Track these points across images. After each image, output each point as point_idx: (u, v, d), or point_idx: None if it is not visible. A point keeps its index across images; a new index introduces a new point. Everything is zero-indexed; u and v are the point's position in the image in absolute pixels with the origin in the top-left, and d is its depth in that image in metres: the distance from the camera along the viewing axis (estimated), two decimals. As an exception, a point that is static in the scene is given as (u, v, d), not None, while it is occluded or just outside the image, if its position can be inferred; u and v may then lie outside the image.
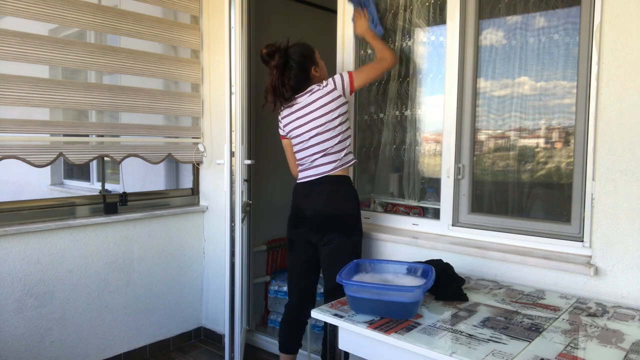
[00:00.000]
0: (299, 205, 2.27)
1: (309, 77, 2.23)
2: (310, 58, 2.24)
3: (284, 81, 2.20)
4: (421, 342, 1.39)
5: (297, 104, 2.22)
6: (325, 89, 2.17)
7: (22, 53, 2.42)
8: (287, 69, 2.19)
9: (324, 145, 2.18)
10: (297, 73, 2.20)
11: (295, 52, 2.20)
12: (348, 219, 2.20)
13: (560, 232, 1.98)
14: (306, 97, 2.20)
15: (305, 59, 2.21)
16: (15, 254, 2.46)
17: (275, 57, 2.19)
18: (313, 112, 2.18)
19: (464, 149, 2.24)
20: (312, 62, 2.24)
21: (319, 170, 2.21)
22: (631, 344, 1.40)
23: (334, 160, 2.19)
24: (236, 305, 2.73)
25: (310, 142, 2.20)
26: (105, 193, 2.95)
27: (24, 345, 2.51)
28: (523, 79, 2.12)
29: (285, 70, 2.19)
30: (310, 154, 2.22)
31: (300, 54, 2.21)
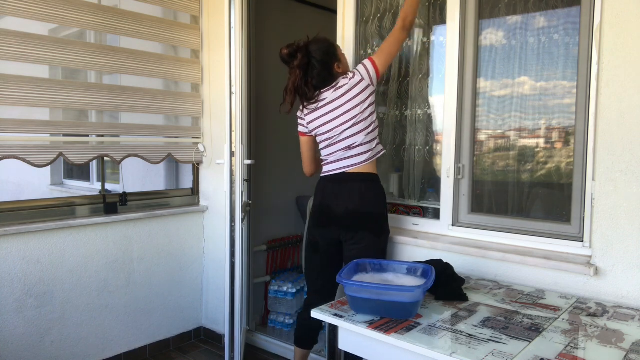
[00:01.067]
0: (328, 204, 2.18)
1: (332, 73, 2.17)
2: (332, 54, 2.17)
3: (307, 81, 2.15)
4: (421, 342, 1.39)
5: (323, 101, 2.16)
6: (352, 81, 2.12)
7: (22, 53, 2.42)
8: (310, 68, 2.14)
9: (356, 138, 2.12)
10: (320, 72, 2.14)
11: (317, 50, 2.14)
12: (379, 218, 2.16)
13: (560, 232, 1.98)
14: (332, 92, 2.14)
15: (327, 57, 2.16)
16: (15, 254, 2.46)
17: (298, 57, 2.13)
18: (342, 106, 2.12)
19: (464, 149, 2.24)
20: (335, 59, 2.18)
21: (351, 162, 2.14)
22: (631, 344, 1.40)
23: (367, 151, 2.13)
24: (236, 305, 2.73)
25: (341, 136, 2.14)
26: (105, 193, 2.95)
27: (24, 345, 2.51)
28: (523, 79, 2.12)
29: (308, 69, 2.14)
30: (341, 148, 2.15)
31: (322, 52, 2.15)
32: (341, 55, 2.24)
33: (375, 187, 2.16)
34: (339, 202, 2.15)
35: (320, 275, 2.29)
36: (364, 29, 2.61)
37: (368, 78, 2.12)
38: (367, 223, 2.13)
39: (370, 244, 2.12)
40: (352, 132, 2.12)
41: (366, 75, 2.12)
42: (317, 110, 2.18)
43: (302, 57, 2.13)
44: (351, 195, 2.13)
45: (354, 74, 2.13)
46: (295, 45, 2.15)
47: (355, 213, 2.13)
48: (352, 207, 2.13)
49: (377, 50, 2.18)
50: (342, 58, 2.23)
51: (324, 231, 2.23)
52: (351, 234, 2.14)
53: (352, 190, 2.14)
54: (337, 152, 2.17)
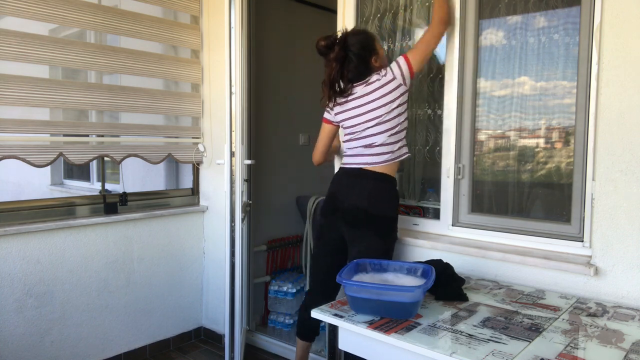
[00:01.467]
0: (336, 195, 2.17)
1: (369, 67, 2.11)
2: (371, 47, 2.12)
3: (343, 74, 2.11)
4: (421, 342, 1.39)
5: (354, 94, 2.12)
6: (384, 78, 2.06)
7: (22, 53, 2.42)
8: (347, 61, 2.09)
9: (378, 138, 2.08)
10: (357, 65, 2.10)
11: (355, 43, 2.10)
12: (385, 220, 2.11)
13: (560, 232, 1.98)
14: (363, 87, 2.10)
15: (365, 50, 2.11)
16: (15, 254, 2.46)
17: (335, 49, 2.08)
18: (370, 102, 2.08)
19: (464, 149, 2.24)
20: (373, 52, 2.12)
21: (368, 160, 2.11)
22: (631, 344, 1.40)
23: (387, 152, 2.09)
24: (236, 305, 2.73)
25: (363, 133, 2.11)
26: (105, 193, 2.95)
27: (24, 345, 2.51)
28: (523, 79, 2.12)
29: (345, 62, 2.10)
30: (363, 144, 2.12)
31: (360, 45, 2.10)
32: (379, 48, 2.17)
33: (387, 188, 2.11)
34: (349, 196, 2.12)
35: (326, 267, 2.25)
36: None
37: (400, 77, 2.06)
38: (373, 223, 2.09)
39: (372, 245, 2.08)
40: (374, 131, 2.09)
41: (399, 74, 2.06)
42: (347, 102, 2.15)
43: (340, 50, 2.09)
44: (361, 192, 2.10)
45: (386, 71, 2.08)
46: (333, 37, 2.10)
47: (361, 211, 2.09)
48: (359, 204, 2.09)
49: (413, 47, 2.12)
50: (380, 51, 2.16)
51: (328, 220, 2.21)
52: (356, 232, 2.11)
53: (363, 187, 2.10)
54: (357, 147, 2.14)
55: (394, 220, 2.14)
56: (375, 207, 2.09)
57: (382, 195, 2.10)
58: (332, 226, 2.20)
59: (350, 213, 2.11)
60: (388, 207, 2.11)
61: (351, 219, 2.11)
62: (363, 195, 2.09)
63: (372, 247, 2.08)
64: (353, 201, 2.10)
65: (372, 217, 2.09)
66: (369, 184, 2.10)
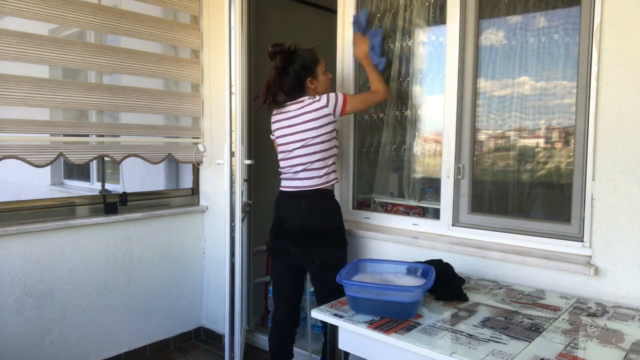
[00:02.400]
0: (281, 217, 2.26)
1: (303, 87, 2.19)
2: (310, 70, 2.19)
3: (279, 84, 2.18)
4: (421, 342, 1.39)
5: (287, 112, 2.20)
6: (315, 104, 2.13)
7: (22, 53, 2.42)
8: (284, 73, 2.17)
9: (306, 159, 2.16)
10: (292, 81, 2.18)
11: (297, 60, 2.17)
12: (329, 233, 2.18)
13: (560, 232, 1.98)
14: (295, 107, 2.17)
15: (304, 70, 2.17)
16: (15, 254, 2.46)
17: (277, 58, 2.17)
18: (299, 124, 2.15)
19: (464, 149, 2.24)
20: (310, 74, 2.19)
21: (300, 184, 2.19)
22: (631, 344, 1.40)
23: (314, 177, 2.17)
24: (236, 305, 2.73)
25: (293, 153, 2.18)
26: (105, 193, 2.95)
27: (24, 345, 2.51)
28: (523, 79, 2.12)
29: (282, 73, 2.17)
30: (292, 164, 2.20)
31: (301, 64, 2.17)
32: (321, 74, 2.23)
33: (325, 202, 2.20)
34: (290, 217, 2.21)
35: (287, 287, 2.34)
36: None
37: (332, 108, 2.13)
38: (317, 238, 2.16)
39: (324, 260, 2.16)
40: (301, 152, 2.16)
41: (332, 105, 2.13)
42: (281, 120, 2.23)
43: (280, 60, 2.16)
44: (300, 210, 2.18)
45: (321, 98, 2.14)
46: (280, 48, 2.17)
47: (304, 228, 2.17)
48: (300, 222, 2.17)
49: (358, 94, 2.23)
50: (320, 76, 2.23)
51: (279, 242, 2.29)
52: (306, 250, 2.18)
53: (301, 205, 2.19)
54: (289, 167, 2.22)
55: (339, 229, 2.21)
56: (315, 221, 2.17)
57: (321, 209, 2.19)
58: (282, 247, 2.27)
59: (294, 233, 2.19)
60: (328, 218, 2.19)
61: (297, 238, 2.19)
62: (303, 213, 2.18)
63: (326, 262, 2.16)
64: (294, 221, 2.19)
65: (315, 233, 2.16)
66: (307, 201, 2.18)
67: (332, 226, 2.19)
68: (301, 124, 2.15)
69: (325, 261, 2.16)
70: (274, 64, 2.18)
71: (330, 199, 2.23)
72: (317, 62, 2.23)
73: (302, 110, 2.15)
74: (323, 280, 2.20)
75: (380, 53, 2.43)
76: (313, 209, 2.17)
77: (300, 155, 2.16)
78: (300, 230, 2.17)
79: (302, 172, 2.17)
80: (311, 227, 2.16)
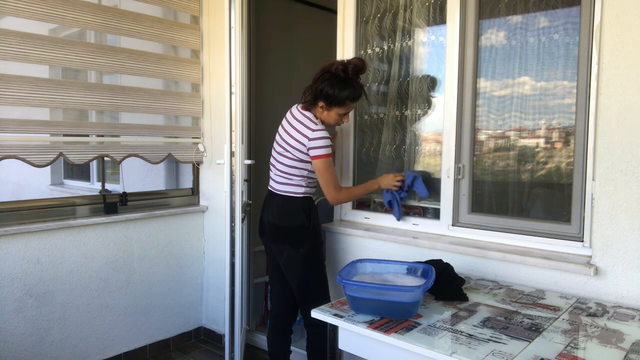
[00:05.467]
0: (262, 214, 2.38)
1: (316, 103, 2.20)
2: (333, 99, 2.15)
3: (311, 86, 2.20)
4: (421, 342, 1.39)
5: (298, 116, 2.25)
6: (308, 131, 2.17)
7: (22, 53, 2.42)
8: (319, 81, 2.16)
9: (282, 167, 2.26)
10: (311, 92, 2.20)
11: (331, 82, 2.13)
12: (295, 231, 2.25)
13: (560, 232, 1.98)
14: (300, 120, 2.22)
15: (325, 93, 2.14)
16: (15, 254, 2.46)
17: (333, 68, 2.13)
18: (289, 136, 2.23)
19: (464, 149, 2.24)
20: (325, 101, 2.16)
21: (274, 185, 2.32)
22: (631, 344, 1.40)
23: (286, 183, 2.27)
24: (236, 305, 2.73)
25: (277, 156, 2.29)
26: (105, 193, 2.95)
27: (24, 345, 2.51)
28: (523, 79, 2.12)
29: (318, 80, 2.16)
30: (274, 166, 2.31)
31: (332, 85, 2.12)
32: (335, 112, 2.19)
33: (294, 201, 2.27)
34: (267, 215, 2.33)
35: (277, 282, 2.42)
36: (364, 29, 2.61)
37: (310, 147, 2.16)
38: (283, 236, 2.27)
39: (290, 256, 2.26)
40: (278, 158, 2.27)
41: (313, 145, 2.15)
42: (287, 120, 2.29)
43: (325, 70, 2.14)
44: (272, 208, 2.30)
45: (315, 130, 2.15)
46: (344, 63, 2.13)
47: (273, 225, 2.29)
48: (271, 220, 2.30)
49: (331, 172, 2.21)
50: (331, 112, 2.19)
51: (262, 238, 2.42)
52: (277, 246, 2.30)
53: (273, 204, 2.31)
54: (272, 167, 2.34)
55: (304, 229, 2.25)
56: (283, 219, 2.27)
57: (289, 207, 2.27)
58: (266, 247, 2.42)
59: (269, 229, 2.32)
60: (295, 218, 2.25)
61: (270, 234, 2.32)
62: (274, 210, 2.29)
63: (290, 257, 2.26)
64: (269, 218, 2.31)
65: (283, 229, 2.27)
66: (278, 200, 2.29)
67: (298, 225, 2.25)
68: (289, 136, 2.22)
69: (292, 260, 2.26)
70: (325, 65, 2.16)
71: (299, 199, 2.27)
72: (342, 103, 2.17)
73: (296, 127, 2.21)
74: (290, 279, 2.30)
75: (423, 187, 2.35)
76: (281, 208, 2.27)
77: (279, 162, 2.26)
78: (273, 227, 2.29)
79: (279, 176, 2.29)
80: (279, 224, 2.27)
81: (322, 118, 2.23)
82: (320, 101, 2.18)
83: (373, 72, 2.61)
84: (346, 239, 2.55)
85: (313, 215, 2.29)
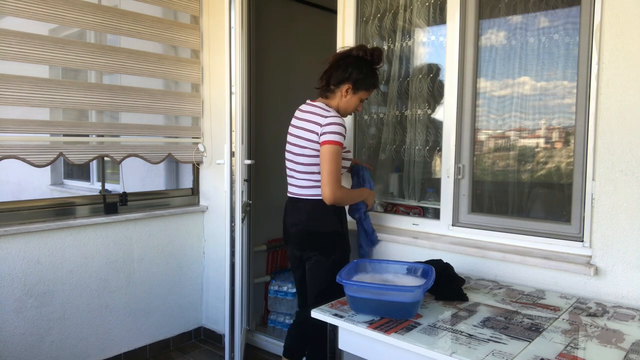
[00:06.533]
0: (285, 221, 2.25)
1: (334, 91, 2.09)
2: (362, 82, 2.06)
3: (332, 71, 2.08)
4: (421, 342, 1.39)
5: (306, 108, 2.13)
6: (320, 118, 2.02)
7: (22, 53, 2.42)
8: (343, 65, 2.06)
9: (303, 168, 2.10)
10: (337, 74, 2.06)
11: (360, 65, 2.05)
12: (326, 237, 2.12)
13: (560, 232, 1.98)
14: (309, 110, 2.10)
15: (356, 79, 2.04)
16: (15, 254, 2.46)
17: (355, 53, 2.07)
18: (302, 130, 2.08)
19: (464, 149, 2.24)
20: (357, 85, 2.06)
21: (297, 191, 2.15)
22: (631, 344, 1.40)
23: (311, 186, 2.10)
24: (236, 305, 2.73)
25: (294, 158, 2.12)
26: (105, 193, 2.95)
27: (24, 345, 2.51)
28: (523, 79, 2.12)
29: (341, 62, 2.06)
30: (294, 170, 2.14)
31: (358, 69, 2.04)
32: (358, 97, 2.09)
33: (323, 206, 2.08)
34: (292, 221, 2.19)
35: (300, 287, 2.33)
36: (364, 29, 2.61)
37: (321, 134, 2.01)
38: (314, 242, 2.13)
39: (319, 262, 2.12)
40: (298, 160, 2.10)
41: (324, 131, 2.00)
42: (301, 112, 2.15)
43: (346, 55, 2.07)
44: (300, 214, 2.15)
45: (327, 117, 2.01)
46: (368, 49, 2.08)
47: (303, 232, 2.15)
48: (299, 226, 2.16)
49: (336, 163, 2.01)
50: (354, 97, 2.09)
51: (288, 246, 2.29)
52: (304, 252, 2.17)
53: (300, 209, 2.15)
54: (291, 170, 2.16)
55: (337, 235, 2.13)
56: (312, 224, 2.13)
57: (319, 212, 2.11)
58: (290, 250, 2.27)
59: (295, 236, 2.19)
60: (325, 223, 2.12)
61: (297, 241, 2.19)
62: (301, 215, 2.14)
63: (320, 264, 2.12)
64: (295, 224, 2.17)
65: (312, 236, 2.13)
66: (307, 205, 2.13)
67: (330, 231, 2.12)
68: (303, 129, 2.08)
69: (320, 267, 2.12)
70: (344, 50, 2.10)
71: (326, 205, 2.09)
72: (369, 87, 2.10)
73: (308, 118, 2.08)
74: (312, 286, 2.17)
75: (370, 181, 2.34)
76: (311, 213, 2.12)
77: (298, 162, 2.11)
78: (300, 234, 2.16)
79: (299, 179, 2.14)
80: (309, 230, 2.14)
81: (342, 105, 2.11)
82: (346, 84, 2.06)
83: (373, 72, 2.61)
84: (346, 239, 2.55)
85: (344, 219, 2.17)
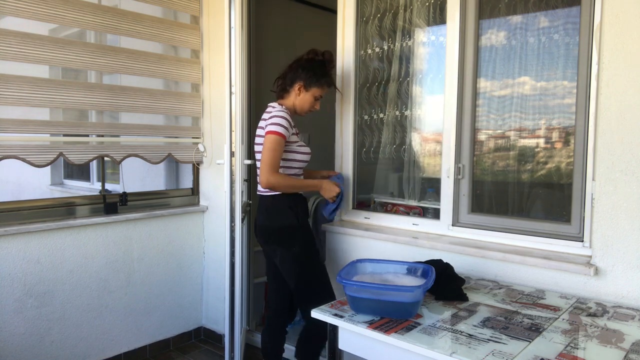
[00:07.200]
0: (255, 217, 2.35)
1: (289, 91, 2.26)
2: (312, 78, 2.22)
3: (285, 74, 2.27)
4: (421, 342, 1.39)
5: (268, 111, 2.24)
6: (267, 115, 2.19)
7: (22, 53, 2.42)
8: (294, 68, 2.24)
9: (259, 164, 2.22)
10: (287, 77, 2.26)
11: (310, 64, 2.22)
12: (283, 231, 2.21)
13: (560, 232, 1.98)
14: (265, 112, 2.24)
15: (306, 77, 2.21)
16: (15, 254, 2.46)
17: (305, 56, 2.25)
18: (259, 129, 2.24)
19: (464, 149, 2.24)
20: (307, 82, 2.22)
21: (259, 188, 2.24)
22: (631, 344, 1.40)
23: None
24: (236, 305, 2.73)
25: (257, 156, 2.26)
26: (105, 193, 2.95)
27: (24, 345, 2.51)
28: (523, 79, 2.12)
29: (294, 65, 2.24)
30: (257, 166, 2.25)
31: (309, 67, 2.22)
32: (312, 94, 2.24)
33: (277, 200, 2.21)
34: (256, 218, 2.31)
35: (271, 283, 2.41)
36: (364, 29, 2.61)
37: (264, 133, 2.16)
38: (274, 237, 2.23)
39: (282, 256, 2.23)
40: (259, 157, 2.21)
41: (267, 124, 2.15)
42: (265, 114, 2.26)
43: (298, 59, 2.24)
44: (261, 211, 2.27)
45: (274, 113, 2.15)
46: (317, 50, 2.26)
47: (263, 228, 2.26)
48: (261, 222, 2.26)
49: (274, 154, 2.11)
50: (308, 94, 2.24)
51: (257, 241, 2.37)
52: (269, 247, 2.27)
53: (261, 206, 2.27)
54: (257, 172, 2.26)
55: (293, 228, 2.22)
56: (271, 220, 2.23)
57: (276, 207, 2.22)
58: (262, 248, 2.36)
59: (259, 231, 2.29)
60: (283, 218, 2.21)
61: (260, 235, 2.29)
62: (262, 212, 2.26)
63: (284, 258, 2.22)
64: (260, 220, 2.27)
65: (273, 230, 2.23)
66: (265, 202, 2.25)
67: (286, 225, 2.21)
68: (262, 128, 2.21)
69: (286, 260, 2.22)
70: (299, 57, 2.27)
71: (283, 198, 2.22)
72: (322, 84, 2.25)
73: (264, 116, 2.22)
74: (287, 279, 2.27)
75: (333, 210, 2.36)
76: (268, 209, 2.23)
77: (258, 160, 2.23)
78: (263, 230, 2.26)
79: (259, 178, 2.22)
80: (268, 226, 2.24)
81: (297, 103, 2.26)
82: (297, 83, 2.23)
83: (373, 72, 2.61)
84: (346, 239, 2.56)
85: (301, 213, 2.25)
